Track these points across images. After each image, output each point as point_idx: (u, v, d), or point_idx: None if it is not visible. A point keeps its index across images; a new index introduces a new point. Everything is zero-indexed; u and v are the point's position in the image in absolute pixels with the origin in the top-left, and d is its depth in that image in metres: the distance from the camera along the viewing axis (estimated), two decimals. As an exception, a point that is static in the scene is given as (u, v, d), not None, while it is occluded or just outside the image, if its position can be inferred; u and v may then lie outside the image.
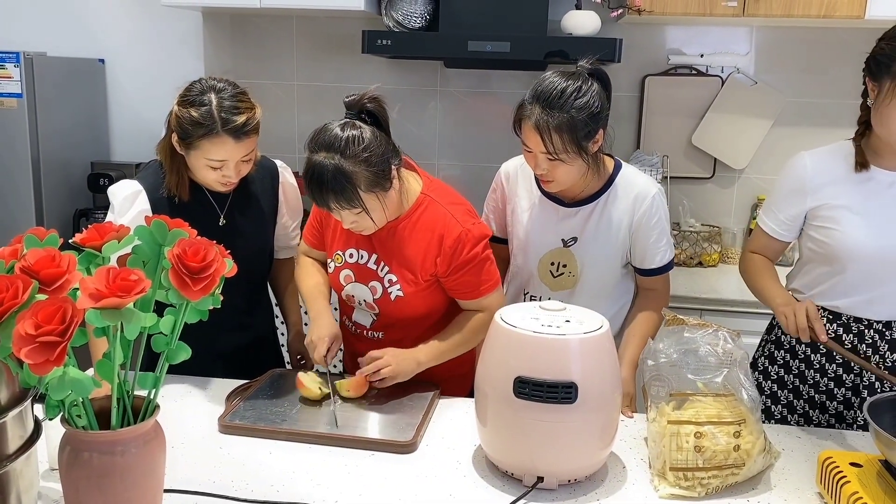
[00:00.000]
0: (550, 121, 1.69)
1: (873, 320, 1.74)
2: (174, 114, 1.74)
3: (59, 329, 0.93)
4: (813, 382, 1.83)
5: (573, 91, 1.70)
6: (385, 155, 1.65)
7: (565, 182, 1.80)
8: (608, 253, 1.89)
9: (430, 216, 1.76)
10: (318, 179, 1.62)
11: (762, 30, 3.07)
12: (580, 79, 1.72)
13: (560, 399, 1.35)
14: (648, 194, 1.85)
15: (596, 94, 1.72)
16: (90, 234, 1.11)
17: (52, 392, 0.99)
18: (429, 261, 1.76)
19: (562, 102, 1.69)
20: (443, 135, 3.34)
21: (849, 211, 1.69)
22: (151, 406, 1.14)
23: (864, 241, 1.68)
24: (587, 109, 1.70)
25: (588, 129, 1.71)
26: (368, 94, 1.68)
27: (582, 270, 1.89)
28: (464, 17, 2.84)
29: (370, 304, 1.85)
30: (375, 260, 1.81)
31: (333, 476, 1.44)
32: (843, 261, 1.71)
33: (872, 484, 1.30)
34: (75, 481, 1.08)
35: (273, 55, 3.35)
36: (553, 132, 1.69)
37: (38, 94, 2.97)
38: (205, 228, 1.35)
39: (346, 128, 1.64)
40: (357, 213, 1.66)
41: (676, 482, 1.41)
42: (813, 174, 1.74)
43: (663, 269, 1.91)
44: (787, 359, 1.87)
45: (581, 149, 1.72)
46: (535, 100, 1.72)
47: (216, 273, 1.07)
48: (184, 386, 1.82)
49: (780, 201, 1.80)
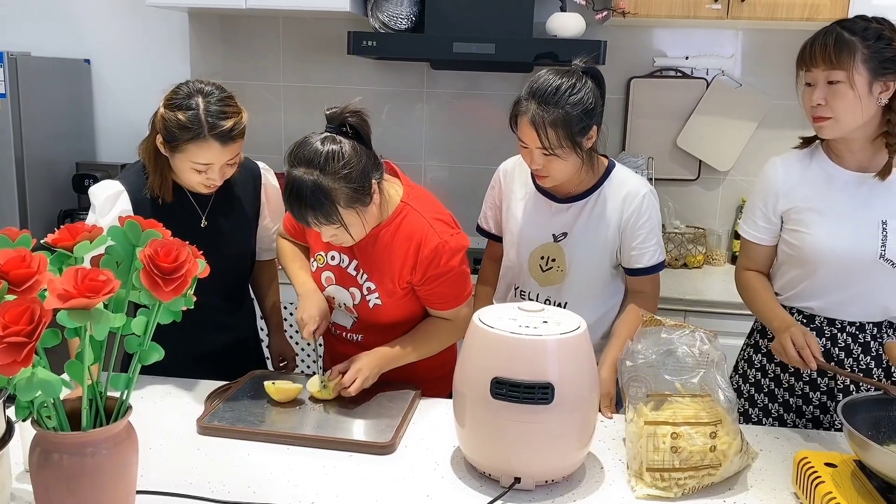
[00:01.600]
0: (546, 116, 1.72)
1: (846, 322, 1.75)
2: (160, 116, 1.73)
3: (27, 329, 0.93)
4: (788, 386, 1.84)
5: (568, 87, 1.73)
6: (365, 170, 1.64)
7: (560, 177, 1.82)
8: (597, 250, 1.91)
9: (409, 225, 1.76)
10: (296, 195, 1.61)
11: (747, 32, 3.08)
12: (574, 76, 1.76)
13: (537, 400, 1.35)
14: (638, 194, 1.87)
15: (590, 91, 1.76)
16: (62, 234, 1.10)
17: (20, 393, 0.99)
18: (406, 269, 1.76)
19: (557, 98, 1.72)
20: (429, 136, 3.34)
21: (816, 213, 1.71)
22: (123, 407, 1.13)
23: (830, 242, 1.69)
24: (581, 105, 1.73)
25: (582, 124, 1.75)
26: (350, 107, 1.67)
27: (570, 265, 1.91)
28: (449, 19, 2.84)
29: (349, 308, 1.85)
30: (355, 266, 1.81)
31: (311, 477, 1.44)
32: (813, 263, 1.72)
33: (846, 484, 1.31)
34: (45, 482, 1.07)
35: (259, 56, 3.35)
36: (548, 127, 1.72)
37: (23, 94, 2.95)
38: (187, 230, 1.35)
39: (326, 142, 1.62)
40: (336, 228, 1.66)
41: (653, 483, 1.41)
42: (784, 177, 1.77)
43: (651, 269, 1.91)
44: (763, 363, 1.89)
45: (576, 144, 1.75)
46: (531, 96, 1.75)
47: (188, 274, 1.07)
48: (164, 387, 1.81)
49: (756, 207, 1.82)
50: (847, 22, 1.64)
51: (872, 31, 1.60)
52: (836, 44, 1.60)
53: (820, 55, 1.62)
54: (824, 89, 1.62)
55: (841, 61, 1.59)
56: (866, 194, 1.69)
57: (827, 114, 1.63)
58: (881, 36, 1.61)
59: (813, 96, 1.64)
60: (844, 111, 1.62)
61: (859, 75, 1.59)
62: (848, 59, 1.59)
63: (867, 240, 1.68)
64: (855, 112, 1.62)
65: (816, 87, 1.64)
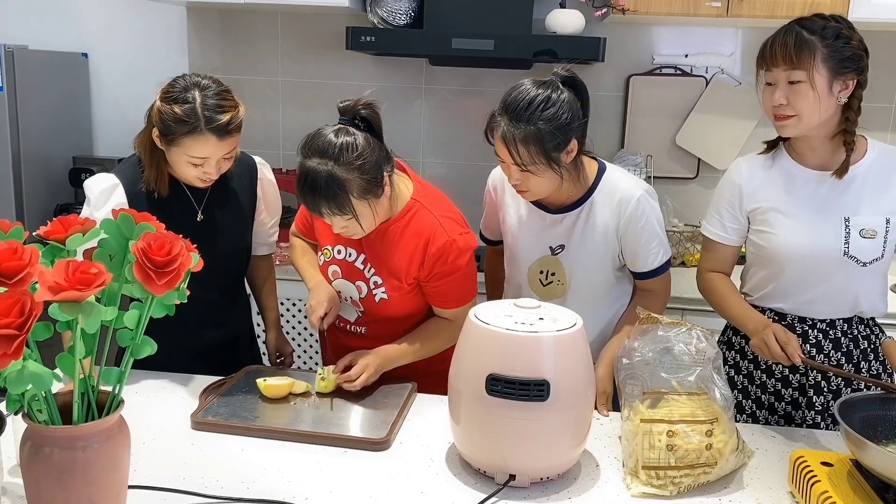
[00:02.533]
0: (517, 133, 1.66)
1: (816, 319, 1.76)
2: (156, 109, 1.72)
3: (18, 322, 0.92)
4: (760, 383, 1.84)
5: (541, 102, 1.66)
6: (378, 162, 1.65)
7: (540, 192, 1.78)
8: (597, 259, 1.86)
9: (419, 222, 1.76)
10: (310, 186, 1.61)
11: (746, 30, 3.07)
12: (550, 88, 1.68)
13: (532, 397, 1.35)
14: (632, 197, 1.80)
15: (566, 104, 1.68)
16: (54, 226, 1.09)
17: (10, 386, 0.98)
18: (413, 266, 1.76)
19: (528, 114, 1.66)
20: (428, 133, 3.32)
21: (780, 213, 1.72)
22: (115, 401, 1.13)
23: (795, 241, 1.70)
24: (555, 121, 1.66)
25: (557, 140, 1.67)
26: (363, 99, 1.68)
27: (571, 278, 1.87)
28: (448, 15, 2.83)
29: (355, 301, 1.85)
30: (363, 260, 1.81)
31: (305, 473, 1.43)
32: (780, 263, 1.73)
33: (843, 483, 1.30)
34: (36, 476, 1.06)
35: (257, 50, 3.33)
36: (520, 144, 1.66)
37: (20, 87, 2.93)
38: (182, 224, 1.34)
39: (339, 134, 1.63)
40: (348, 219, 1.66)
41: (649, 481, 1.40)
42: (748, 178, 1.77)
43: (657, 271, 1.86)
44: (736, 359, 1.89)
45: (551, 160, 1.69)
46: (504, 111, 1.69)
47: (181, 267, 1.06)
48: (158, 382, 1.81)
49: (722, 207, 1.81)
50: (805, 21, 1.64)
51: (831, 30, 1.60)
52: (796, 44, 1.60)
53: (780, 55, 1.61)
54: (785, 89, 1.62)
55: (801, 61, 1.59)
56: (828, 192, 1.70)
57: (789, 112, 1.63)
58: (839, 35, 1.61)
59: (774, 96, 1.64)
60: (806, 110, 1.62)
61: (819, 74, 1.59)
62: (808, 58, 1.59)
63: (830, 238, 1.68)
64: (816, 111, 1.62)
65: (777, 87, 1.63)
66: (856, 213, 1.68)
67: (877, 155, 1.71)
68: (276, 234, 2.10)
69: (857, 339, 1.78)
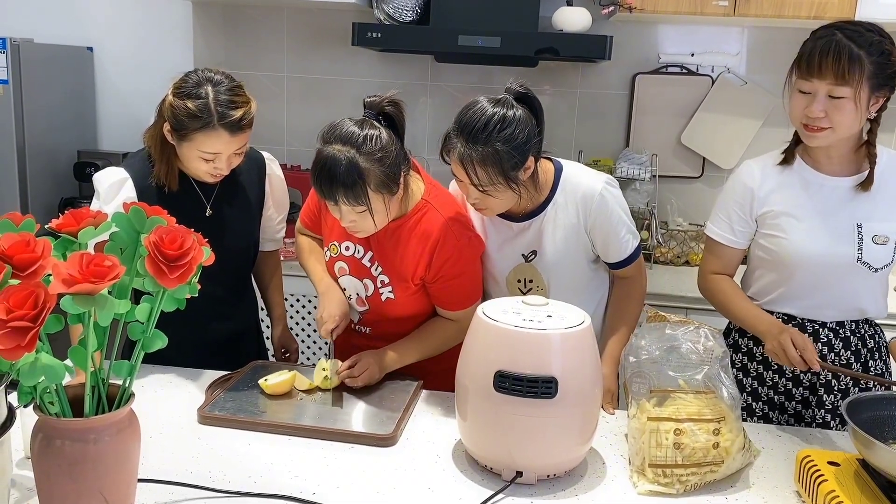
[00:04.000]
0: (474, 155, 1.63)
1: (825, 321, 1.76)
2: (168, 104, 1.72)
3: (31, 314, 0.92)
4: (772, 384, 1.83)
5: (497, 122, 1.62)
6: (398, 158, 1.66)
7: (499, 209, 1.75)
8: (570, 258, 1.84)
9: (428, 223, 1.75)
10: (329, 171, 1.60)
11: (753, 30, 3.07)
12: (505, 106, 1.65)
13: (540, 394, 1.35)
14: (595, 192, 1.78)
15: (522, 123, 1.64)
16: (66, 219, 1.09)
17: (23, 378, 0.98)
18: (420, 267, 1.76)
19: (485, 136, 1.62)
20: (433, 130, 3.32)
21: (793, 218, 1.71)
22: (126, 394, 1.13)
23: (808, 247, 1.69)
24: (512, 141, 1.63)
25: (514, 160, 1.64)
26: (390, 96, 1.68)
27: (550, 281, 1.86)
28: (455, 12, 2.83)
29: (361, 299, 1.85)
30: (370, 258, 1.81)
31: (312, 468, 1.43)
32: (791, 267, 1.72)
33: (849, 483, 1.30)
34: (47, 469, 1.07)
35: (263, 46, 3.33)
36: (477, 166, 1.63)
37: (25, 81, 2.93)
38: (191, 219, 1.34)
39: (364, 126, 1.63)
40: (359, 213, 1.65)
41: (655, 479, 1.41)
42: (760, 181, 1.75)
43: (630, 259, 1.85)
44: (745, 362, 1.88)
45: (508, 179, 1.66)
46: (460, 132, 1.65)
47: (193, 261, 1.06)
48: (165, 376, 1.81)
49: (731, 210, 1.79)
50: (850, 31, 1.58)
51: (877, 46, 1.57)
52: (849, 60, 1.54)
53: (831, 69, 1.55)
54: (824, 102, 1.58)
55: (851, 78, 1.55)
56: (841, 198, 1.70)
57: (824, 125, 1.60)
58: (884, 51, 1.58)
59: (812, 107, 1.59)
60: (843, 124, 1.60)
61: (863, 91, 1.57)
62: (858, 76, 1.55)
63: (844, 244, 1.68)
64: (852, 125, 1.61)
65: (816, 99, 1.59)
66: (868, 220, 1.68)
67: (887, 161, 1.70)
68: (284, 229, 2.10)
69: (865, 339, 1.78)
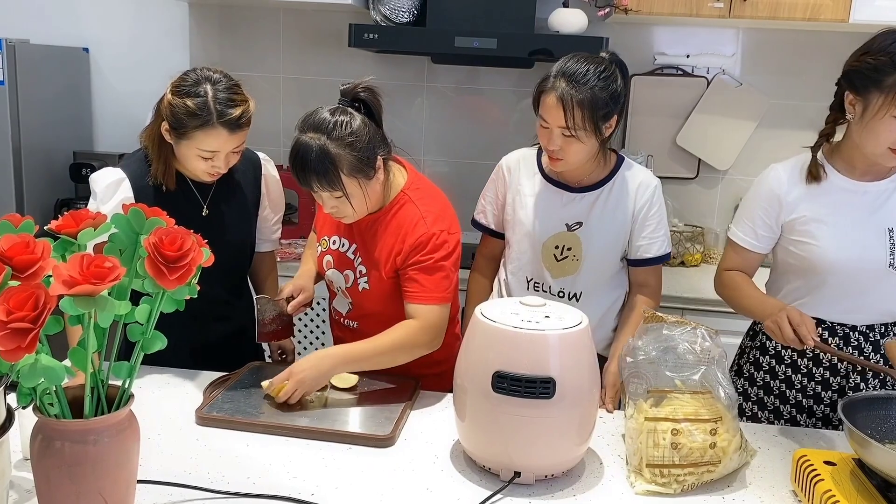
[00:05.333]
0: (575, 94, 1.74)
1: (856, 325, 1.75)
2: (167, 102, 1.72)
3: (31, 316, 0.92)
4: (800, 387, 1.83)
5: (598, 71, 1.76)
6: (371, 143, 1.67)
7: (574, 161, 1.83)
8: (611, 239, 1.92)
9: (403, 215, 1.77)
10: (301, 158, 1.64)
11: (748, 31, 3.08)
12: (604, 63, 1.79)
13: (538, 394, 1.35)
14: (651, 184, 1.91)
15: (619, 79, 1.79)
16: (66, 221, 1.10)
17: (23, 379, 0.98)
18: (392, 256, 1.77)
19: (587, 79, 1.75)
20: (429, 131, 3.33)
21: (823, 224, 1.70)
22: (126, 395, 1.13)
23: (839, 253, 1.68)
24: (609, 90, 1.76)
25: (607, 109, 1.77)
26: (363, 83, 1.71)
27: (586, 255, 1.92)
28: (451, 13, 2.84)
29: (344, 291, 1.87)
30: (354, 250, 1.83)
31: (310, 469, 1.43)
32: (822, 274, 1.71)
33: (846, 482, 1.31)
34: (46, 470, 1.07)
35: (259, 47, 3.33)
36: (576, 106, 1.74)
37: (21, 81, 2.92)
38: (188, 218, 1.34)
39: (336, 112, 1.67)
40: (337, 198, 1.68)
41: (653, 479, 1.41)
42: (788, 187, 1.74)
43: (658, 259, 1.93)
44: (772, 364, 1.86)
45: (597, 128, 1.77)
46: (561, 75, 1.77)
47: (192, 262, 1.06)
48: (163, 377, 1.81)
49: (756, 214, 1.79)
50: None
51: None
52: None
53: None
54: None
55: None
56: (871, 203, 1.69)
57: None
58: None
59: None
60: None
61: None
62: None
63: (876, 249, 1.67)
64: None
65: None
66: None
67: None
68: (279, 230, 2.11)
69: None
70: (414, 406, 1.72)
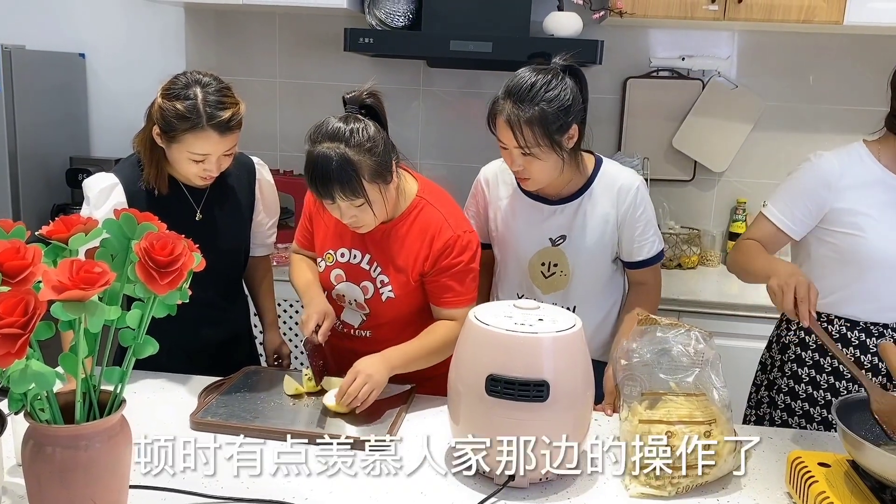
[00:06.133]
0: (521, 115, 1.70)
1: (889, 323, 1.74)
2: (157, 106, 1.73)
3: (21, 321, 0.92)
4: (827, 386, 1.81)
5: (543, 85, 1.71)
6: (387, 147, 1.68)
7: (542, 179, 1.79)
8: (598, 248, 1.89)
9: (425, 218, 1.77)
10: (322, 169, 1.62)
11: (743, 34, 3.09)
12: (551, 73, 1.74)
13: (531, 397, 1.35)
14: (632, 186, 1.86)
15: (567, 89, 1.73)
16: (57, 226, 1.10)
17: (13, 385, 0.98)
18: (419, 261, 1.77)
19: (531, 95, 1.70)
20: (426, 134, 3.33)
21: (871, 218, 1.68)
22: (117, 401, 1.13)
23: (887, 247, 1.67)
24: (558, 102, 1.71)
25: (560, 122, 1.72)
26: (367, 89, 1.71)
27: (574, 269, 1.89)
28: (447, 17, 2.84)
29: (360, 304, 1.85)
30: (368, 260, 1.81)
31: (304, 473, 1.43)
32: (862, 268, 1.70)
33: (840, 484, 1.31)
34: (38, 475, 1.07)
35: (255, 52, 3.34)
36: (524, 126, 1.70)
37: (17, 87, 2.92)
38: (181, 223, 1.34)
39: (348, 120, 1.65)
40: (358, 206, 1.66)
41: (647, 481, 1.41)
42: (840, 175, 1.71)
43: (652, 260, 1.91)
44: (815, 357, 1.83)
45: (553, 142, 1.72)
46: (507, 95, 1.74)
47: (184, 267, 1.06)
48: (157, 381, 1.81)
49: (800, 197, 1.75)
50: None
51: None
52: None
53: None
54: None
55: None
56: None
57: None
58: None
59: None
60: None
61: None
62: None
63: None
64: None
65: None
66: None
67: None
68: (274, 235, 2.10)
69: None
70: (409, 410, 1.71)
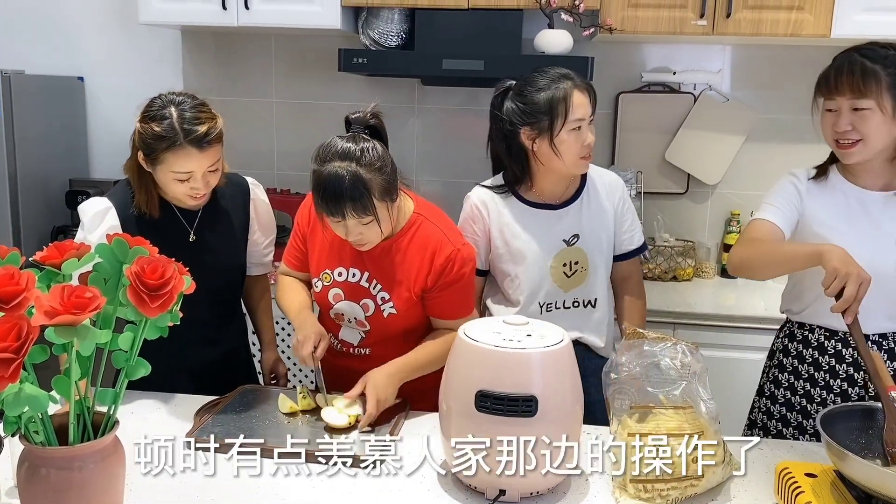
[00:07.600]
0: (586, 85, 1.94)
1: (868, 333, 1.76)
2: (136, 130, 1.76)
3: (14, 346, 0.95)
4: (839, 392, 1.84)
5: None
6: (393, 166, 1.73)
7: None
8: (606, 241, 2.04)
9: (424, 234, 1.81)
10: (334, 187, 1.64)
11: (733, 48, 3.12)
12: None
13: (520, 412, 1.37)
14: (618, 181, 2.08)
15: None
16: (50, 252, 1.12)
17: (7, 408, 1.00)
18: (420, 277, 1.80)
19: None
20: (421, 152, 3.36)
21: (835, 231, 1.73)
22: (111, 422, 1.15)
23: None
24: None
25: None
26: (371, 109, 1.75)
27: (592, 262, 2.01)
28: (439, 36, 2.87)
29: (361, 321, 1.87)
30: (367, 278, 1.83)
31: (298, 490, 1.45)
32: None
33: (826, 494, 1.33)
34: (33, 497, 1.09)
35: (251, 73, 3.38)
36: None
37: (17, 112, 2.96)
38: (175, 245, 1.37)
39: (357, 140, 1.69)
40: (366, 224, 1.69)
41: (637, 494, 1.42)
42: (806, 188, 1.81)
43: (639, 250, 2.10)
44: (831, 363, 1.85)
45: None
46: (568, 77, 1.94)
47: (174, 290, 1.08)
48: (153, 402, 1.82)
49: (782, 198, 1.81)
50: (865, 50, 1.69)
51: (892, 59, 1.66)
52: (863, 74, 1.65)
53: (847, 85, 1.66)
54: (849, 115, 1.67)
55: (868, 90, 1.65)
56: (880, 211, 1.75)
57: (854, 137, 1.68)
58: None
59: (839, 122, 1.69)
60: (872, 134, 1.67)
61: (886, 101, 1.65)
62: (876, 87, 1.65)
63: (885, 256, 1.71)
64: (881, 135, 1.68)
65: (841, 114, 1.68)
66: None
67: None
68: (271, 254, 2.13)
69: None
70: (402, 426, 1.73)
